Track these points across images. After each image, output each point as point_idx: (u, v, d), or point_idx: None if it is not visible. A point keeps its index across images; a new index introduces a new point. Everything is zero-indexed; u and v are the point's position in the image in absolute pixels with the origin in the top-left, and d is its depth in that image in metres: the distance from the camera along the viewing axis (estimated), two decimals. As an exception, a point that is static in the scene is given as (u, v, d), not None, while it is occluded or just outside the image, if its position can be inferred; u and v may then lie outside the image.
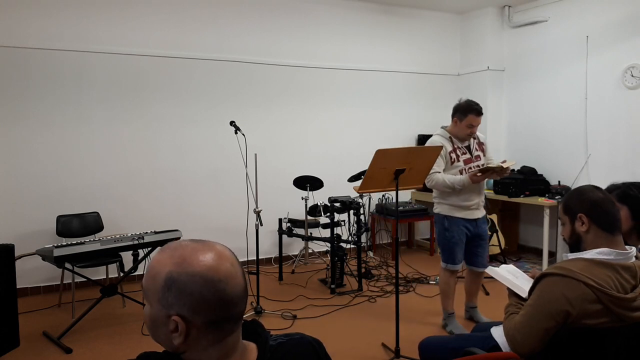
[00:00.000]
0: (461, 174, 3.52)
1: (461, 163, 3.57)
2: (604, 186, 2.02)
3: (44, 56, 4.52)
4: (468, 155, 3.60)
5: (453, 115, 3.59)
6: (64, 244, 3.66)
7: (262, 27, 5.42)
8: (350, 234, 5.23)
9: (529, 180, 5.59)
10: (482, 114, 3.53)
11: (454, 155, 3.56)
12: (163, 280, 0.94)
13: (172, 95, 5.04)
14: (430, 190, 3.72)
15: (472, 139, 3.64)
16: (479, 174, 3.42)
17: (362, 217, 4.93)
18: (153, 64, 4.93)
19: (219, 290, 0.94)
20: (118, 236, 3.93)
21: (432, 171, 3.41)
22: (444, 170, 3.54)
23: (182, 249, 0.97)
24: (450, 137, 3.59)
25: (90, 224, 4.56)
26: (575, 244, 1.87)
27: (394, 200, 5.49)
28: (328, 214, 4.69)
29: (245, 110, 5.36)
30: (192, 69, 5.10)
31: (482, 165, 3.60)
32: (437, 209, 3.68)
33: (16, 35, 4.40)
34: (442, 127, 3.68)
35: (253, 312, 4.05)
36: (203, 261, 0.95)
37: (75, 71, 4.65)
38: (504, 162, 3.46)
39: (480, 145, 3.71)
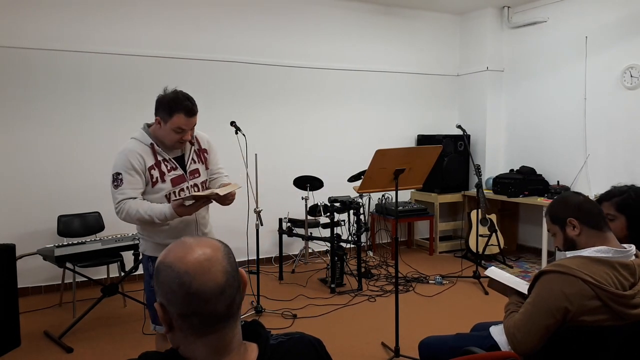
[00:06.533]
0: (168, 200, 2.41)
1: (167, 184, 2.42)
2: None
3: (44, 56, 4.53)
4: (179, 172, 2.46)
5: (155, 113, 2.40)
6: (65, 243, 3.68)
7: (263, 28, 5.44)
8: (350, 234, 5.24)
9: (528, 180, 5.60)
10: (195, 113, 2.38)
11: (155, 173, 2.39)
12: (155, 271, 1.01)
13: (173, 96, 5.05)
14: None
15: (189, 145, 2.52)
16: (187, 203, 2.33)
17: (361, 217, 4.94)
18: (153, 64, 4.94)
19: (183, 282, 0.94)
20: (119, 236, 3.95)
21: (122, 195, 2.35)
22: (143, 193, 2.40)
23: (177, 242, 1.02)
24: (152, 145, 2.40)
25: (91, 223, 4.57)
26: (571, 249, 1.89)
27: (394, 200, 5.51)
28: (328, 213, 4.70)
29: (246, 110, 5.37)
30: (192, 69, 5.11)
31: (198, 189, 2.52)
32: (142, 245, 2.55)
33: (16, 35, 4.41)
34: (145, 126, 2.48)
35: (253, 312, 4.07)
36: (177, 253, 0.98)
37: (76, 71, 4.66)
38: (226, 185, 2.48)
39: (201, 153, 2.58)
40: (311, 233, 5.11)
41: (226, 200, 2.41)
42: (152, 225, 2.39)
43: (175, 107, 2.33)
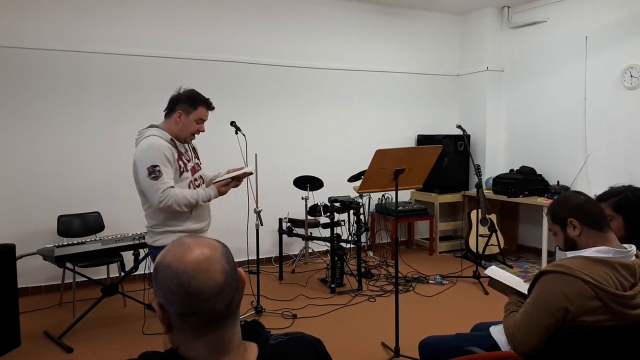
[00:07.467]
0: (188, 187, 2.72)
1: (189, 174, 2.72)
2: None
3: (44, 56, 4.53)
4: (192, 164, 2.79)
5: (173, 108, 2.69)
6: (65, 243, 3.68)
7: (263, 28, 5.44)
8: (350, 234, 5.24)
9: (528, 180, 5.60)
10: (213, 107, 2.77)
11: (181, 164, 2.68)
12: (153, 271, 1.01)
13: (173, 96, 5.05)
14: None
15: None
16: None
17: (361, 217, 4.94)
18: (153, 64, 4.94)
19: (182, 282, 0.94)
20: (119, 236, 3.95)
21: (164, 185, 2.53)
22: None
23: (174, 242, 1.02)
24: (172, 140, 2.66)
25: (91, 223, 4.57)
26: (571, 249, 1.89)
27: (394, 200, 5.51)
28: (328, 213, 4.70)
29: (246, 110, 5.37)
30: (192, 69, 5.11)
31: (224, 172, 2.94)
32: (161, 240, 2.65)
33: (16, 35, 4.41)
34: (153, 126, 2.71)
35: (253, 312, 4.07)
36: (175, 252, 0.98)
37: (75, 71, 4.66)
38: (241, 168, 2.89)
39: (195, 150, 2.91)
40: (311, 233, 5.11)
41: (241, 180, 2.85)
42: (193, 208, 2.68)
43: (198, 100, 2.70)
